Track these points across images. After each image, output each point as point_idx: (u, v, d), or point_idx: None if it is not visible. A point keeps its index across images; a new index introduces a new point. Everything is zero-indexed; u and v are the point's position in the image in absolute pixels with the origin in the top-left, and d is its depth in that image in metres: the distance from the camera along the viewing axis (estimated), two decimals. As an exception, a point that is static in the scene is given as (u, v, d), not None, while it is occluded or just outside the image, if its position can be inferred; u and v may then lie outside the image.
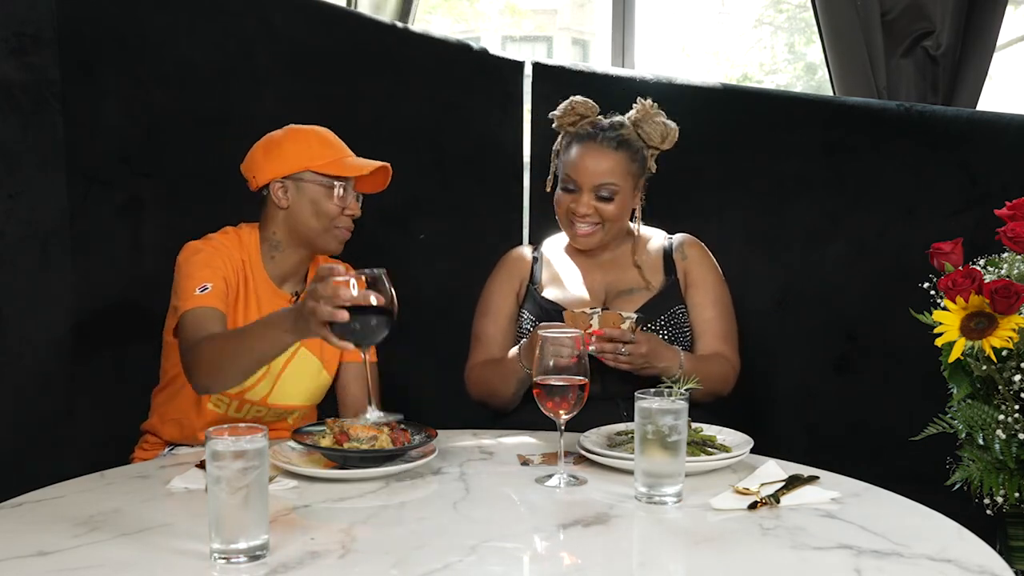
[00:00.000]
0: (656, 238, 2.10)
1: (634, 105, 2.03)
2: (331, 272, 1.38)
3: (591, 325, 1.78)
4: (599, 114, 2.04)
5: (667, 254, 2.06)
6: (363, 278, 1.38)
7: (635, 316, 1.83)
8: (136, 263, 2.12)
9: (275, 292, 1.84)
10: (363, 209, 1.85)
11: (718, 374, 1.95)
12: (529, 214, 2.66)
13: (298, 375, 1.86)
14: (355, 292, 1.36)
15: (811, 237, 2.53)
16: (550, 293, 2.02)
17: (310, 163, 1.78)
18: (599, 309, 1.84)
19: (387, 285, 1.39)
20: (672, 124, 2.02)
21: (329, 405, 1.97)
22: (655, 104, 2.02)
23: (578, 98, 2.03)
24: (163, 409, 1.88)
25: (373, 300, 1.36)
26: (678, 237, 2.10)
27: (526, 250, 2.13)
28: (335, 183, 1.79)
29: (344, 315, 1.35)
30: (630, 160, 1.99)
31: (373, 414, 1.45)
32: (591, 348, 1.74)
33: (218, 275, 1.74)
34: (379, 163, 1.81)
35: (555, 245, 2.12)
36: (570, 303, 1.97)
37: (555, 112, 2.05)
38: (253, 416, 1.85)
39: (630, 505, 1.37)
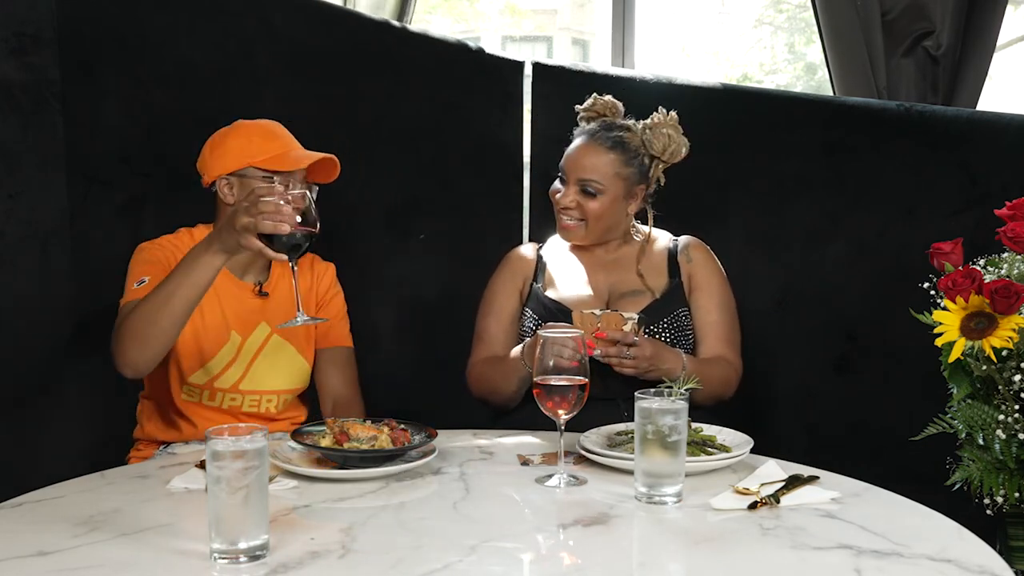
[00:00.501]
0: (661, 239, 2.10)
1: (655, 111, 2.05)
2: (269, 191, 1.50)
3: (598, 327, 1.78)
4: (625, 116, 2.07)
5: (671, 256, 2.06)
6: (290, 196, 1.51)
7: (636, 317, 1.83)
8: (136, 263, 2.12)
9: (236, 283, 1.86)
10: (361, 209, 1.85)
11: (721, 377, 1.95)
12: (529, 214, 2.66)
13: (272, 361, 1.87)
14: (288, 208, 1.49)
15: (811, 237, 2.53)
16: (553, 292, 2.02)
17: (251, 159, 1.79)
18: (605, 311, 1.84)
19: (312, 202, 1.52)
20: (681, 140, 2.03)
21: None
22: (675, 118, 2.03)
23: (605, 97, 2.08)
24: (149, 414, 1.90)
25: (299, 218, 1.50)
26: (683, 239, 2.09)
27: (530, 249, 2.13)
28: (275, 178, 1.77)
29: (286, 228, 1.47)
30: (623, 163, 2.00)
31: (301, 317, 1.58)
32: (596, 353, 1.75)
33: (158, 268, 1.76)
34: (321, 154, 1.80)
35: (559, 244, 2.12)
36: (573, 303, 1.97)
37: (580, 104, 2.09)
38: (228, 404, 1.86)
39: (630, 505, 1.37)
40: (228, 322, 1.83)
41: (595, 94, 2.09)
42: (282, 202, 1.47)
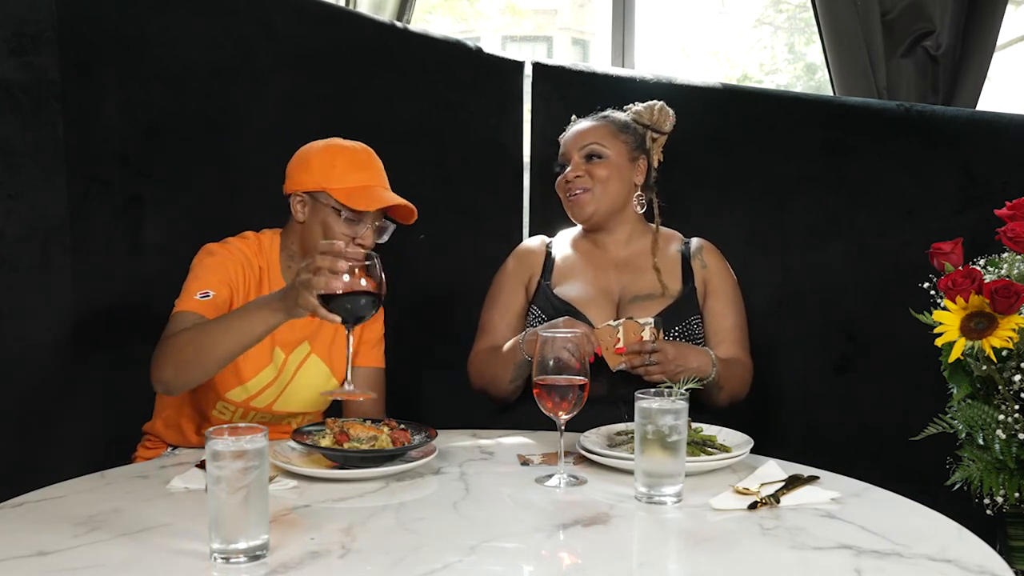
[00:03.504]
0: (673, 240, 2.09)
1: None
2: (330, 248, 1.41)
3: (619, 340, 1.78)
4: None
5: (684, 260, 2.04)
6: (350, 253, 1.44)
7: (652, 321, 1.82)
8: (136, 263, 2.12)
9: None
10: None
11: (741, 377, 1.96)
12: (529, 214, 2.66)
13: (307, 382, 1.85)
14: (346, 273, 1.41)
15: (811, 237, 2.53)
16: (562, 291, 2.00)
17: (329, 184, 1.74)
18: (621, 320, 1.83)
19: (378, 268, 1.44)
20: (668, 109, 2.10)
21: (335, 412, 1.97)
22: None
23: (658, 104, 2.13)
24: (167, 413, 1.88)
25: (363, 282, 1.42)
26: (695, 242, 2.08)
27: (538, 242, 2.12)
28: (342, 210, 1.74)
29: (338, 286, 1.40)
30: (618, 129, 2.05)
31: (348, 386, 1.49)
32: (622, 365, 1.75)
33: (224, 284, 1.73)
34: (398, 200, 1.75)
35: (569, 239, 2.11)
36: (583, 303, 1.95)
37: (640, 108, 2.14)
38: (258, 423, 1.83)
39: (630, 505, 1.37)
40: (274, 338, 1.78)
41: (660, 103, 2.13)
42: (341, 261, 1.40)
